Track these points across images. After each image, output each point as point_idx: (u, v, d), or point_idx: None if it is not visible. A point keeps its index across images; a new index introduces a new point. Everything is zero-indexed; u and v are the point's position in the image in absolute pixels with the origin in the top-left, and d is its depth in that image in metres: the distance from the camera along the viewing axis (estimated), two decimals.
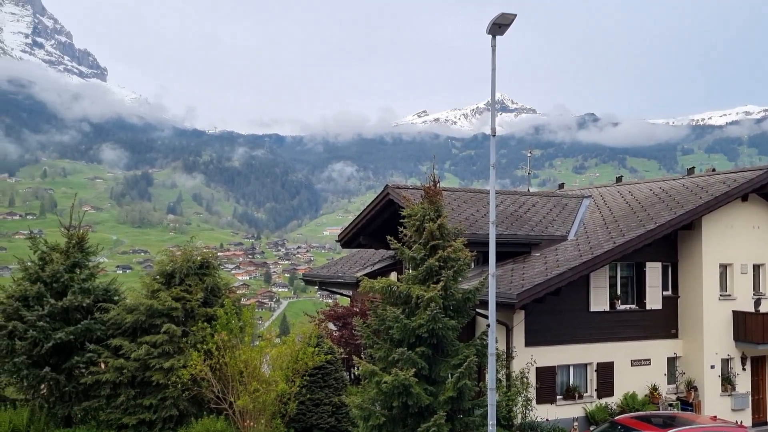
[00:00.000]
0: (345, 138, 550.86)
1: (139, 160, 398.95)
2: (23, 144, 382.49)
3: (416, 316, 11.87)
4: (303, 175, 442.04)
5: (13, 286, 14.68)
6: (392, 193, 19.13)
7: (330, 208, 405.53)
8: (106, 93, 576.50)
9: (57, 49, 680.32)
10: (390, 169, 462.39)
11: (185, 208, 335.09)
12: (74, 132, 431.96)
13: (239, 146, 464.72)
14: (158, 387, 13.53)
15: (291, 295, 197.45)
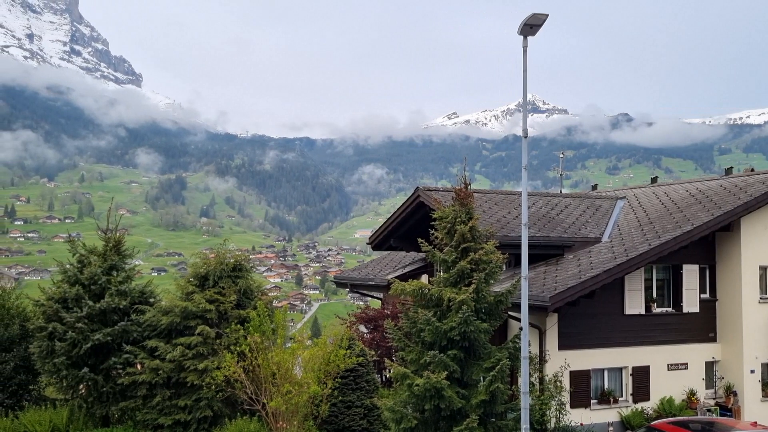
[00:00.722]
0: (375, 140, 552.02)
1: (173, 164, 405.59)
2: (62, 149, 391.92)
3: (448, 318, 11.83)
4: (333, 178, 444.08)
5: (53, 288, 15.01)
6: (423, 195, 19.10)
7: (360, 211, 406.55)
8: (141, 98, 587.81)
9: (94, 57, 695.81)
10: (420, 171, 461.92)
11: (218, 212, 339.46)
12: (110, 137, 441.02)
13: (270, 150, 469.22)
14: (193, 388, 13.70)
15: (322, 297, 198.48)
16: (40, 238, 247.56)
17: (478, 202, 17.69)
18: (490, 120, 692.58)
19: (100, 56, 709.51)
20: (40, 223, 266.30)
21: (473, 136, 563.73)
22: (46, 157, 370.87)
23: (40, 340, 14.18)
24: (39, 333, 14.27)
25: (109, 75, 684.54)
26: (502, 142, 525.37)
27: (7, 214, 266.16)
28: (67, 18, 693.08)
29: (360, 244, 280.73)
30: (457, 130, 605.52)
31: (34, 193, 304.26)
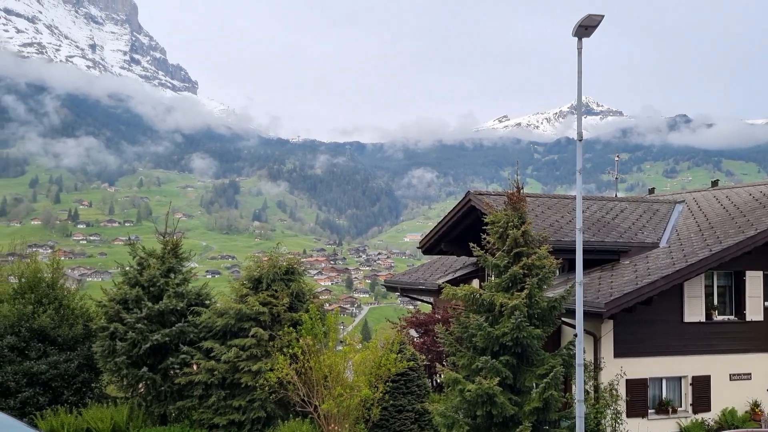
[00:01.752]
0: (425, 144, 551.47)
1: (227, 169, 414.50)
2: (122, 155, 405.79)
3: (500, 324, 11.71)
4: (383, 182, 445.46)
5: (114, 289, 15.53)
6: (474, 199, 18.96)
7: (410, 215, 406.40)
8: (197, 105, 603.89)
9: (152, 65, 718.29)
10: (470, 174, 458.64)
11: (270, 215, 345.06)
12: (167, 143, 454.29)
13: (321, 154, 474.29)
14: (247, 389, 13.95)
15: (372, 301, 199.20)
16: (102, 240, 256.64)
17: (531, 206, 17.46)
18: (542, 123, 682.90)
19: (158, 65, 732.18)
20: (102, 226, 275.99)
21: (525, 139, 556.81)
22: (107, 162, 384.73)
23: (102, 340, 14.69)
24: (101, 333, 14.78)
25: (167, 83, 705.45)
26: (554, 145, 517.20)
27: (71, 218, 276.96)
28: (127, 28, 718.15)
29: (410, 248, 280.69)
30: (508, 133, 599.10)
31: (95, 197, 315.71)
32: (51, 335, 15.63)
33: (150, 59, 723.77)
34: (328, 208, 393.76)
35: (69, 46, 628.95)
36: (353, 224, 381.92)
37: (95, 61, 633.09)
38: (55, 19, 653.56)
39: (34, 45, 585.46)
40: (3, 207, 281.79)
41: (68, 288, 17.46)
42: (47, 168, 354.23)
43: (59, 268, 17.23)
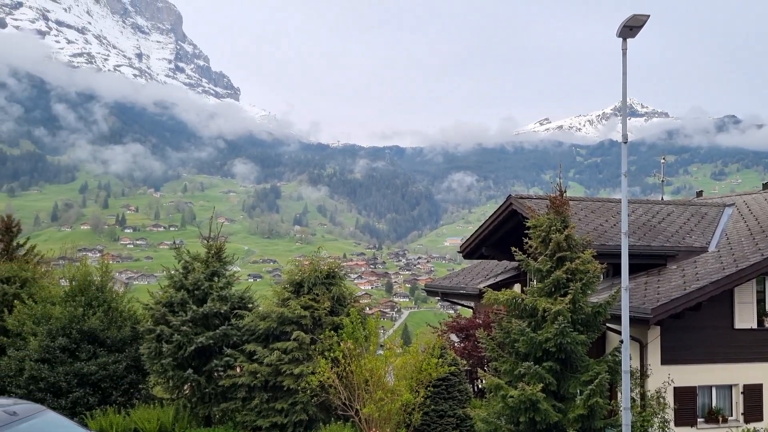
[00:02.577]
0: (465, 148, 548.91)
1: (268, 174, 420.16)
2: (167, 161, 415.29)
3: (543, 329, 11.56)
4: (423, 186, 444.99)
5: (160, 292, 15.85)
6: (515, 203, 18.77)
7: (450, 219, 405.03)
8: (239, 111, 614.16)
9: (196, 73, 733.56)
10: (511, 178, 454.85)
11: (310, 220, 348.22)
12: (210, 149, 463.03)
13: (361, 158, 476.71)
14: (289, 392, 14.06)
15: (412, 305, 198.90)
16: (148, 245, 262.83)
17: (574, 209, 17.20)
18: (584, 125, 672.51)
19: (202, 72, 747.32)
20: (148, 231, 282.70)
21: (567, 142, 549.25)
22: (153, 168, 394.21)
23: (149, 342, 15.00)
24: (148, 335, 15.09)
25: (210, 90, 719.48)
26: (597, 147, 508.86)
27: (119, 223, 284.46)
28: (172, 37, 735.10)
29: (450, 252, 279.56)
30: (550, 136, 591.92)
31: (142, 202, 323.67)
32: (100, 337, 16.02)
33: (194, 67, 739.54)
34: (367, 212, 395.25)
35: (117, 56, 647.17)
36: (393, 228, 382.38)
37: (141, 70, 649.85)
38: (103, 30, 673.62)
39: (84, 55, 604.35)
40: (54, 212, 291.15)
41: (116, 291, 17.86)
42: (96, 174, 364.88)
43: (108, 272, 17.64)
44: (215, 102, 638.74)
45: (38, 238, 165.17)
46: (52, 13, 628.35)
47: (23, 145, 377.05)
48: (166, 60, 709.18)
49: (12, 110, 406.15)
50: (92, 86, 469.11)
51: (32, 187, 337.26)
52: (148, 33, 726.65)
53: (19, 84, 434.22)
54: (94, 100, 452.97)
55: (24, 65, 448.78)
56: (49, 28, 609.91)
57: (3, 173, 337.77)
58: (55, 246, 35.82)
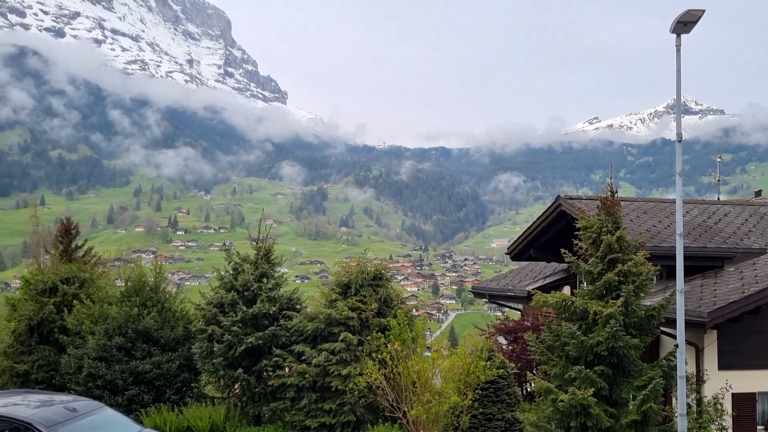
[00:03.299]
0: (512, 148, 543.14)
1: (315, 176, 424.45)
2: (216, 164, 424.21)
3: (594, 333, 11.32)
4: (469, 187, 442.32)
5: (211, 293, 16.18)
6: (564, 204, 18.45)
7: (497, 220, 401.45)
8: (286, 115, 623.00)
9: (244, 77, 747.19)
10: (559, 179, 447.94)
11: (357, 221, 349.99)
12: (259, 152, 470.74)
13: (407, 160, 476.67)
14: (337, 392, 14.16)
15: (459, 307, 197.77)
16: (199, 246, 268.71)
17: (625, 210, 16.80)
18: (635, 124, 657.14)
19: (250, 77, 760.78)
20: (198, 233, 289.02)
21: (617, 141, 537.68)
22: (203, 171, 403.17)
23: (200, 342, 15.32)
24: (200, 335, 15.42)
25: (258, 94, 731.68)
26: (649, 146, 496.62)
27: (171, 225, 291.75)
28: (221, 43, 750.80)
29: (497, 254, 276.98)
30: (599, 135, 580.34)
31: (193, 205, 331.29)
32: (154, 336, 16.45)
33: (242, 72, 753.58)
34: (413, 213, 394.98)
35: (169, 62, 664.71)
36: (439, 230, 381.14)
37: (192, 76, 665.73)
38: (156, 37, 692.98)
39: (138, 62, 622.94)
40: (111, 215, 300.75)
41: (169, 291, 18.32)
42: (149, 178, 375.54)
43: (161, 273, 18.11)
44: (263, 106, 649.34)
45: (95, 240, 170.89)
46: (107, 22, 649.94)
47: (81, 150, 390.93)
48: (216, 65, 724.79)
49: (70, 116, 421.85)
50: (145, 92, 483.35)
51: (90, 190, 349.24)
52: (199, 39, 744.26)
53: (77, 91, 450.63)
54: (148, 106, 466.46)
55: (81, 73, 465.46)
56: (105, 36, 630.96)
57: (62, 177, 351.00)
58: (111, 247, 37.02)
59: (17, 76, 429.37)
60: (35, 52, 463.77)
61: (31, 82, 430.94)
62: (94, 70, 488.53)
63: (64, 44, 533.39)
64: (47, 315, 17.79)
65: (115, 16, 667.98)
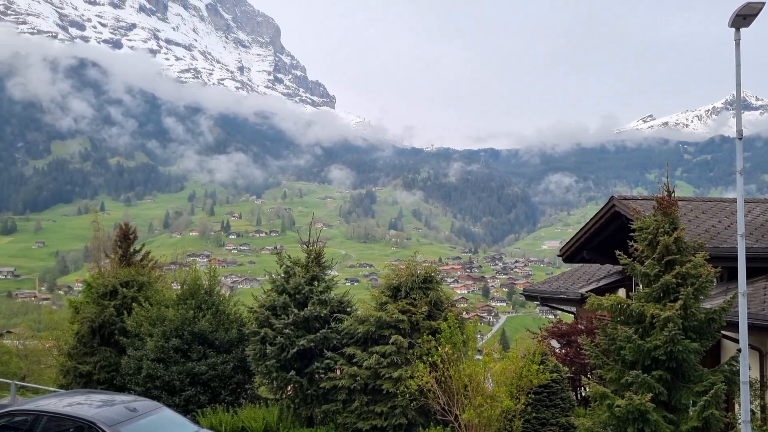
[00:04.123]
0: (563, 148, 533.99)
1: (364, 180, 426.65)
2: (267, 169, 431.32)
3: (651, 336, 11.01)
4: (519, 188, 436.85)
5: (263, 296, 16.45)
6: (619, 205, 18.03)
7: (548, 221, 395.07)
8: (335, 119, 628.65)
9: (293, 83, 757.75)
10: (612, 178, 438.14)
11: (406, 224, 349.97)
12: (308, 156, 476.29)
13: (455, 162, 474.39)
14: (388, 395, 14.19)
15: (509, 309, 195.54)
16: (250, 250, 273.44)
17: (683, 210, 16.31)
18: (692, 121, 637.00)
19: (299, 82, 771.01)
20: (250, 236, 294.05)
21: (673, 139, 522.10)
22: (255, 176, 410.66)
23: (254, 344, 15.58)
24: (253, 337, 15.68)
25: (307, 99, 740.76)
26: (706, 144, 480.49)
27: (224, 229, 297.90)
28: (270, 50, 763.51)
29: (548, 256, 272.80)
30: (654, 133, 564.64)
31: (244, 209, 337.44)
32: (209, 338, 16.81)
33: (291, 77, 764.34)
34: (462, 215, 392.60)
35: (220, 70, 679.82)
36: (489, 232, 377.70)
37: (243, 82, 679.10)
38: (208, 46, 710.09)
39: (191, 71, 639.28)
40: (166, 220, 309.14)
41: (223, 294, 18.71)
42: (203, 183, 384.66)
43: (215, 276, 18.52)
44: (312, 110, 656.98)
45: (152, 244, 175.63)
46: (161, 32, 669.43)
47: (138, 157, 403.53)
48: (266, 72, 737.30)
49: (128, 125, 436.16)
50: (198, 100, 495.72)
51: (146, 196, 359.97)
52: (249, 47, 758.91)
53: (134, 100, 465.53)
54: (200, 113, 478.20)
55: (138, 82, 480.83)
56: (160, 46, 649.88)
57: (121, 184, 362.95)
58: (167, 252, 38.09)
59: (78, 87, 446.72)
60: (94, 63, 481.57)
61: (90, 93, 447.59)
62: (150, 79, 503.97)
63: (121, 55, 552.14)
64: (108, 317, 18.42)
65: (169, 26, 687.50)
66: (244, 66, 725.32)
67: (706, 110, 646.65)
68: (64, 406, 10.22)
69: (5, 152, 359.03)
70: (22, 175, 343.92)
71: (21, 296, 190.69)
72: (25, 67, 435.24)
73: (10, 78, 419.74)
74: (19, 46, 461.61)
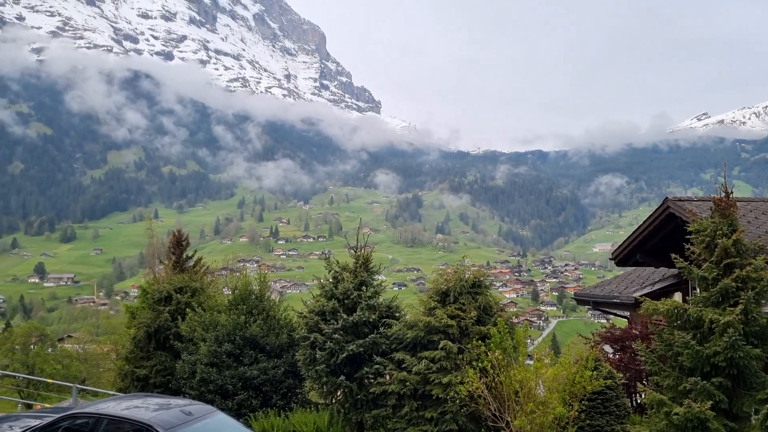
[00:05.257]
0: (613, 149, 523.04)
1: (410, 184, 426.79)
2: (314, 175, 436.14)
3: (710, 342, 10.67)
4: (568, 191, 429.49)
5: (312, 301, 16.59)
6: (673, 206, 17.52)
7: (599, 224, 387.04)
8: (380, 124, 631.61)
9: (339, 89, 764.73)
10: (665, 179, 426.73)
11: (452, 228, 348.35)
12: (354, 161, 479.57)
13: (502, 164, 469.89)
14: (438, 401, 14.11)
15: (560, 314, 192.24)
16: (299, 255, 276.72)
17: (742, 211, 15.75)
18: (749, 118, 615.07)
19: (345, 88, 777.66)
20: (298, 242, 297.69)
21: (729, 138, 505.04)
22: (302, 182, 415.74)
23: (304, 349, 15.73)
24: (303, 342, 15.82)
25: (352, 104, 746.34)
26: (765, 142, 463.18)
27: (272, 235, 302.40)
28: (316, 57, 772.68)
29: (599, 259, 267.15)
30: (709, 131, 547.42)
31: (292, 215, 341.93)
32: (260, 343, 17.05)
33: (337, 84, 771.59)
34: (510, 219, 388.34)
35: (267, 78, 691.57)
36: (537, 235, 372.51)
37: (290, 90, 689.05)
38: (255, 55, 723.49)
39: (239, 79, 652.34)
40: (217, 226, 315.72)
41: (274, 300, 18.97)
42: (251, 190, 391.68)
43: (266, 282, 18.79)
44: (357, 116, 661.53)
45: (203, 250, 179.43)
46: (211, 43, 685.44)
47: (189, 165, 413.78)
48: (312, 79, 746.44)
49: (179, 134, 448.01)
50: (247, 108, 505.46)
51: (198, 203, 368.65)
52: (295, 54, 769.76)
53: (185, 110, 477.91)
54: (249, 121, 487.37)
55: (188, 92, 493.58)
56: (209, 57, 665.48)
57: (173, 192, 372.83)
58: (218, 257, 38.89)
59: (132, 99, 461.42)
60: (147, 75, 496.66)
61: (144, 104, 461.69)
62: (200, 89, 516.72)
63: (172, 66, 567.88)
64: (163, 322, 18.91)
65: (218, 37, 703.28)
66: (291, 74, 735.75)
67: (764, 107, 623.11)
68: (123, 410, 10.52)
69: (65, 163, 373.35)
70: (81, 184, 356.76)
71: (80, 302, 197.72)
72: (83, 81, 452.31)
73: (68, 91, 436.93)
74: (76, 60, 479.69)
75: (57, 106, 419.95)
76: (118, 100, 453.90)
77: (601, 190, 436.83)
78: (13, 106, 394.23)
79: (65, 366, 49.19)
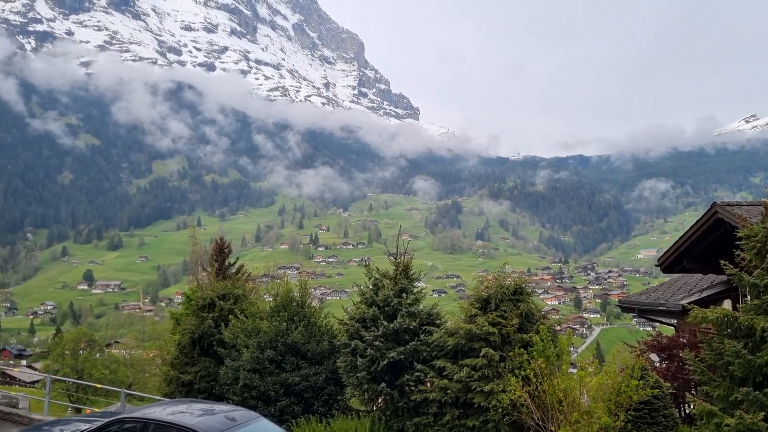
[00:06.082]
0: (657, 153, 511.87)
1: (449, 190, 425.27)
2: (353, 182, 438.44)
3: (762, 351, 10.33)
4: (611, 196, 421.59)
5: (353, 308, 16.65)
6: (722, 211, 17.04)
7: (643, 229, 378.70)
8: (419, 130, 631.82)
9: (377, 96, 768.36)
10: (713, 183, 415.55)
11: (492, 234, 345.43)
12: (393, 168, 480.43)
13: (542, 170, 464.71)
14: (480, 409, 13.97)
15: (603, 321, 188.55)
16: (338, 262, 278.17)
17: None
18: None
19: (383, 95, 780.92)
20: (338, 249, 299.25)
21: None
22: (341, 189, 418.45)
23: (345, 356, 15.77)
24: (344, 349, 15.88)
25: (391, 111, 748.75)
26: None
27: (312, 242, 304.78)
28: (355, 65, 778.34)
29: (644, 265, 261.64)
30: (758, 134, 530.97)
31: (332, 222, 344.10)
32: (302, 350, 17.16)
33: (376, 91, 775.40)
34: (551, 225, 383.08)
35: (307, 87, 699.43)
36: (579, 241, 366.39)
37: (329, 98, 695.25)
38: (295, 64, 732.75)
39: (279, 89, 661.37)
40: (258, 234, 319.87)
41: (315, 307, 19.08)
42: (291, 197, 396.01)
43: (306, 289, 18.93)
44: (396, 123, 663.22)
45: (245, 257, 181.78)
46: (251, 53, 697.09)
47: (231, 173, 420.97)
48: (350, 87, 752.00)
49: (221, 143, 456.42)
50: (287, 116, 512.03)
51: (239, 211, 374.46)
52: (334, 63, 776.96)
53: (226, 119, 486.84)
54: (288, 129, 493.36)
55: (230, 102, 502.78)
56: (250, 67, 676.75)
57: (215, 200, 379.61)
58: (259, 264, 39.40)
59: (175, 109, 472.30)
60: (190, 86, 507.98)
61: (187, 114, 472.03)
62: (241, 98, 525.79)
63: (214, 77, 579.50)
64: (207, 329, 19.21)
65: (259, 47, 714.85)
66: (330, 82, 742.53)
67: None
68: (168, 415, 10.72)
69: (111, 173, 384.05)
70: (127, 193, 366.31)
71: (127, 308, 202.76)
72: (128, 92, 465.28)
73: (115, 103, 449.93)
74: (122, 72, 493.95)
75: (104, 117, 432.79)
76: (163, 110, 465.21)
77: (645, 195, 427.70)
78: (62, 118, 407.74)
79: (112, 371, 50.45)
